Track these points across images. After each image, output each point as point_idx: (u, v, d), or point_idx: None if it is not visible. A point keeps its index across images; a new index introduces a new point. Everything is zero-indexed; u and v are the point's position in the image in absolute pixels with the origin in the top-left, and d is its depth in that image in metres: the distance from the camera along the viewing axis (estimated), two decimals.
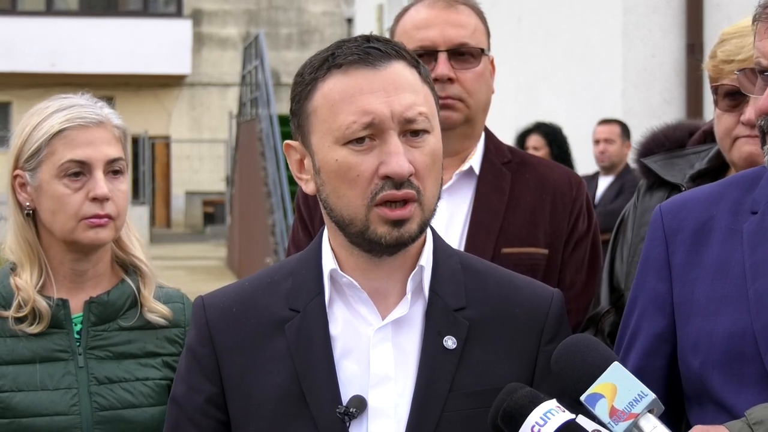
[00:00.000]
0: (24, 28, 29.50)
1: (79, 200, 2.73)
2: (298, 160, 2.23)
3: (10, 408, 2.69)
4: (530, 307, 2.23)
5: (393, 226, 2.12)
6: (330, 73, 2.13)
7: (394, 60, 2.14)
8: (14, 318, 2.73)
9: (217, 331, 2.23)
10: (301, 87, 2.18)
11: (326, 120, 2.13)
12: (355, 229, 2.14)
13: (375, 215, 2.12)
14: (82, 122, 2.73)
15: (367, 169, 2.11)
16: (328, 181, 2.15)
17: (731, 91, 2.88)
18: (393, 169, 2.09)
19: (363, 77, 2.12)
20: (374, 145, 2.11)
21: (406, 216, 2.12)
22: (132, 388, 2.76)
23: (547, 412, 1.93)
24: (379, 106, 2.10)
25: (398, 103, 2.11)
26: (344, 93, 2.11)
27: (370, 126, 2.10)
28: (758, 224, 2.16)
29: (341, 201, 2.14)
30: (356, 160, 2.11)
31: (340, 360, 2.17)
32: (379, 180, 2.10)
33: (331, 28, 32.24)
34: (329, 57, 2.15)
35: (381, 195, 2.10)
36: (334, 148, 2.12)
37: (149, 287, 2.83)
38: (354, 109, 2.10)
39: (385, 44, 2.16)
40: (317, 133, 2.15)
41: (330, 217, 2.19)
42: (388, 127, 2.10)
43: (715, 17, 8.60)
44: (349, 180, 2.12)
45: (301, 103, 2.18)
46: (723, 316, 2.13)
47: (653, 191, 3.15)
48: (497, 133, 3.27)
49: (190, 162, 31.69)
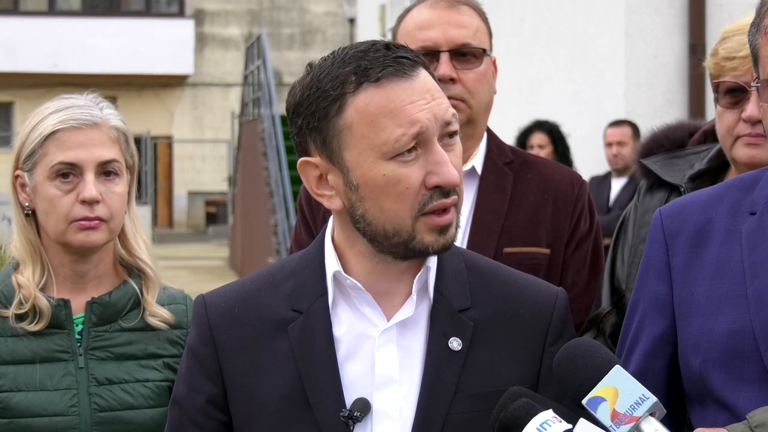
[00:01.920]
0: (26, 28, 29.51)
1: (69, 202, 2.72)
2: (318, 177, 2.17)
3: (9, 408, 2.69)
4: (534, 307, 2.22)
5: (440, 233, 2.11)
6: (361, 87, 2.08)
7: (420, 67, 2.13)
8: (15, 316, 2.73)
9: (219, 331, 2.22)
10: (325, 102, 2.10)
11: (366, 135, 2.08)
12: (398, 240, 2.12)
13: (422, 225, 2.10)
14: (74, 124, 2.72)
15: (417, 180, 2.08)
16: (370, 197, 2.11)
17: (732, 87, 2.88)
18: (446, 178, 2.08)
19: (401, 89, 2.08)
20: (419, 155, 2.09)
21: (452, 220, 2.12)
22: (132, 390, 2.75)
23: (544, 422, 1.93)
24: (424, 114, 2.07)
25: (437, 108, 2.10)
26: (385, 107, 2.07)
27: (418, 135, 2.07)
28: (757, 224, 2.17)
29: (385, 215, 2.10)
30: (405, 172, 2.08)
31: (344, 362, 2.16)
32: (427, 190, 2.09)
33: (334, 28, 32.25)
34: (357, 70, 2.09)
35: (431, 205, 2.09)
36: (379, 163, 2.08)
37: (152, 291, 2.82)
38: (400, 121, 2.06)
39: (409, 52, 2.13)
40: (354, 149, 2.10)
41: (365, 232, 2.14)
42: (433, 134, 2.08)
43: (718, 17, 8.59)
44: (398, 193, 2.08)
45: (328, 119, 2.11)
46: (723, 315, 2.13)
47: (653, 192, 3.15)
48: (499, 134, 3.28)
49: (192, 162, 31.71)
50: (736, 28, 2.91)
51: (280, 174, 16.53)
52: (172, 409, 2.28)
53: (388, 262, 2.16)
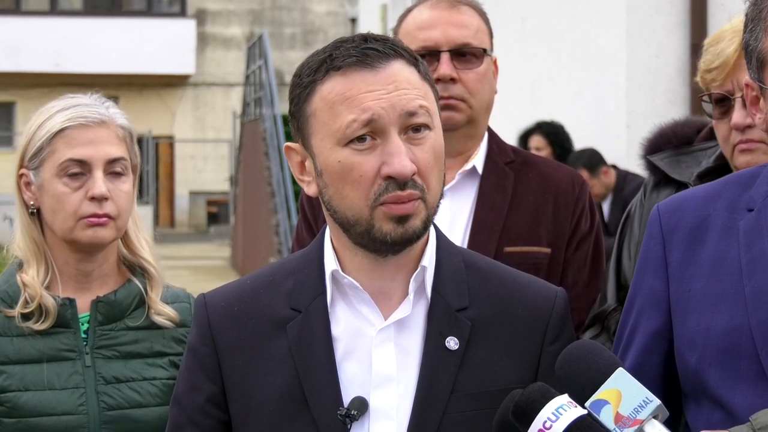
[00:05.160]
0: (28, 28, 29.51)
1: (78, 199, 2.73)
2: (299, 162, 2.22)
3: (18, 407, 2.69)
4: (533, 307, 2.22)
5: (398, 222, 2.10)
6: (328, 75, 2.12)
7: (392, 59, 2.13)
8: (21, 315, 2.73)
9: (219, 330, 2.22)
10: (299, 89, 2.17)
11: (326, 122, 2.12)
12: (360, 230, 2.13)
13: (380, 213, 2.10)
14: (83, 121, 2.73)
15: (370, 169, 2.09)
16: (331, 183, 2.14)
17: (718, 98, 2.91)
18: (396, 169, 2.08)
19: (362, 79, 2.11)
20: (376, 145, 2.10)
21: (410, 211, 2.11)
22: (139, 388, 2.76)
23: (560, 407, 1.92)
24: (379, 103, 2.09)
25: (398, 98, 2.10)
26: (343, 94, 2.10)
27: (370, 123, 2.09)
28: (754, 221, 2.17)
29: (344, 202, 2.13)
30: (358, 160, 2.10)
31: (342, 361, 2.17)
32: (382, 180, 2.09)
33: (335, 28, 32.23)
34: (327, 59, 2.13)
35: (385, 197, 2.09)
36: (335, 150, 2.11)
37: (156, 289, 2.83)
38: (353, 108, 2.09)
39: (383, 44, 2.14)
40: (317, 135, 2.14)
41: (334, 219, 2.17)
42: (388, 124, 2.09)
43: (719, 17, 8.59)
44: (352, 181, 2.11)
45: (300, 105, 2.17)
46: (720, 312, 2.13)
47: (660, 188, 3.14)
48: (500, 133, 3.28)
49: (194, 162, 31.69)
50: (710, 40, 2.96)
51: (282, 174, 16.53)
52: (173, 408, 2.29)
53: (373, 258, 2.17)
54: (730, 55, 2.88)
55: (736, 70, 2.87)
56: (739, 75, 2.84)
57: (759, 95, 2.18)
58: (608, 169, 8.20)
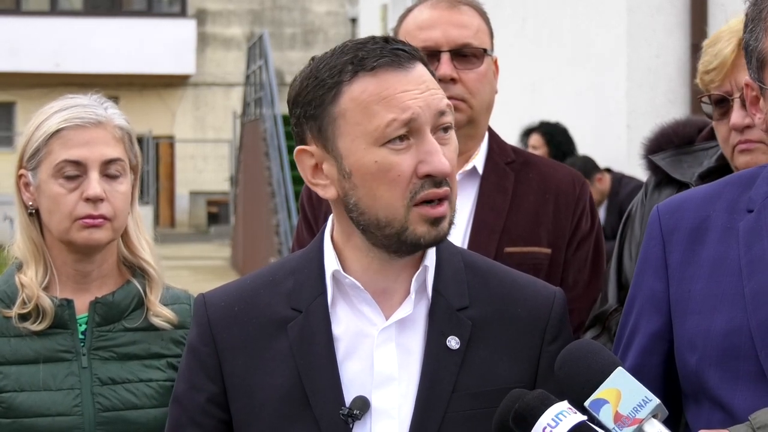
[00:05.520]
0: (28, 28, 29.51)
1: (74, 200, 2.73)
2: (313, 166, 2.20)
3: (13, 408, 2.69)
4: (532, 306, 2.23)
5: (432, 225, 2.12)
6: (357, 76, 2.12)
7: (417, 61, 2.16)
8: (18, 315, 2.73)
9: (219, 329, 2.23)
10: (321, 90, 2.14)
11: (359, 122, 2.11)
12: (392, 231, 2.12)
13: (415, 215, 2.11)
14: (79, 122, 2.72)
15: (408, 168, 2.10)
16: (363, 184, 2.12)
17: (717, 99, 2.92)
18: (436, 167, 2.10)
19: (395, 78, 2.11)
20: (411, 144, 2.11)
21: (445, 213, 2.13)
22: (135, 389, 2.75)
23: (559, 413, 1.93)
24: (416, 102, 2.10)
25: (431, 98, 2.12)
26: (378, 94, 2.10)
27: (409, 122, 2.09)
28: (754, 222, 2.17)
29: (378, 203, 2.12)
30: (396, 159, 2.10)
31: (343, 361, 2.17)
32: (418, 179, 2.10)
33: (335, 28, 32.24)
34: (353, 60, 2.12)
35: (422, 194, 2.10)
36: (371, 150, 2.10)
37: (156, 291, 2.82)
38: (392, 107, 2.09)
39: (406, 45, 2.17)
40: (347, 136, 2.12)
41: (358, 222, 2.15)
42: (425, 123, 2.10)
43: (719, 17, 8.58)
44: (389, 180, 2.10)
45: (324, 107, 2.14)
46: (719, 313, 2.13)
47: (661, 188, 3.14)
48: (501, 134, 3.28)
49: (194, 162, 31.70)
50: (709, 42, 2.96)
51: (282, 174, 16.54)
52: (173, 407, 2.29)
53: (384, 259, 2.17)
54: (728, 55, 2.88)
55: (734, 71, 2.88)
56: (738, 75, 2.84)
57: (759, 95, 2.18)
58: (602, 176, 8.21)
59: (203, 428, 2.23)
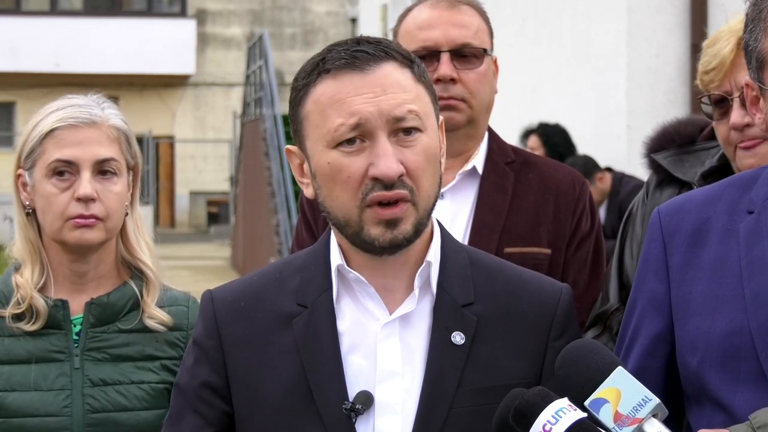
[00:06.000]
0: (28, 28, 29.52)
1: (65, 200, 2.72)
2: (299, 165, 2.26)
3: (3, 408, 2.69)
4: (539, 303, 2.24)
5: (386, 227, 2.13)
6: (320, 78, 2.16)
7: (383, 62, 2.15)
8: (13, 315, 2.73)
9: (225, 324, 2.24)
10: (295, 92, 2.21)
11: (318, 125, 2.16)
12: (351, 231, 2.16)
13: (368, 216, 2.13)
14: (72, 122, 2.72)
15: (358, 170, 2.12)
16: (323, 184, 2.17)
17: (717, 99, 2.91)
18: (381, 170, 2.11)
19: (351, 81, 2.13)
20: (365, 147, 2.13)
21: (399, 215, 2.13)
22: (126, 391, 2.74)
23: (559, 410, 1.93)
24: (366, 107, 2.12)
25: (386, 102, 2.12)
26: (333, 97, 2.13)
27: (357, 127, 2.12)
28: (754, 223, 2.17)
29: (335, 203, 2.16)
30: (346, 161, 2.13)
31: (347, 355, 2.18)
32: (369, 181, 2.12)
33: (335, 28, 32.24)
34: (319, 62, 2.17)
35: (371, 196, 2.12)
36: (326, 152, 2.15)
37: (152, 294, 2.81)
38: (341, 111, 2.12)
39: (375, 46, 2.16)
40: (311, 137, 2.18)
41: (329, 220, 2.21)
42: (376, 128, 2.11)
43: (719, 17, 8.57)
44: (341, 182, 2.14)
45: (296, 108, 2.21)
46: (720, 315, 2.13)
47: (663, 187, 3.14)
48: (501, 134, 3.28)
49: (194, 162, 31.71)
50: (708, 42, 2.96)
51: (282, 174, 16.54)
52: (174, 396, 2.30)
53: (370, 257, 2.18)
54: (727, 55, 2.88)
55: (733, 71, 2.88)
56: (737, 75, 2.84)
57: (759, 95, 2.18)
58: (603, 175, 8.20)
59: (204, 417, 2.23)
